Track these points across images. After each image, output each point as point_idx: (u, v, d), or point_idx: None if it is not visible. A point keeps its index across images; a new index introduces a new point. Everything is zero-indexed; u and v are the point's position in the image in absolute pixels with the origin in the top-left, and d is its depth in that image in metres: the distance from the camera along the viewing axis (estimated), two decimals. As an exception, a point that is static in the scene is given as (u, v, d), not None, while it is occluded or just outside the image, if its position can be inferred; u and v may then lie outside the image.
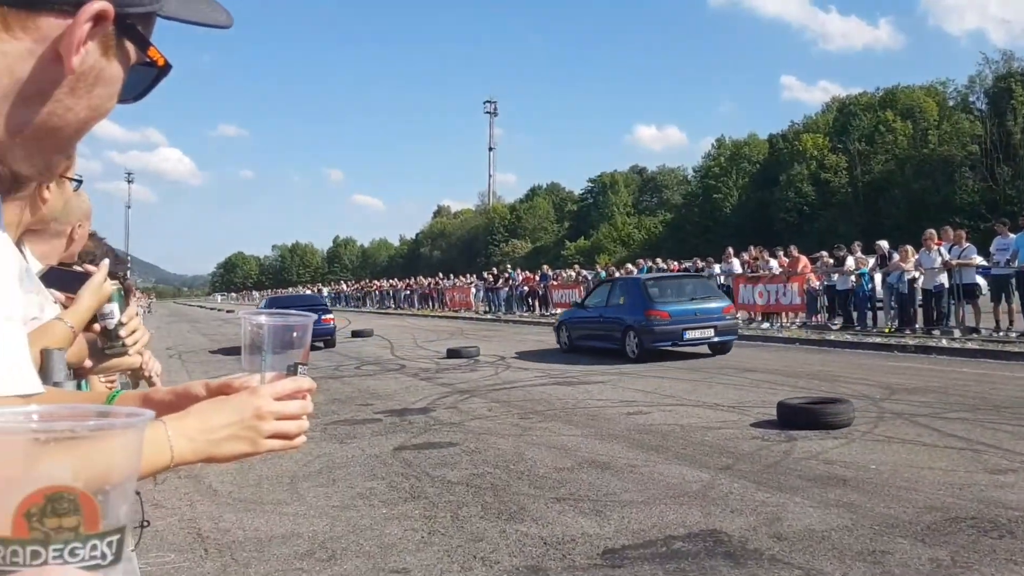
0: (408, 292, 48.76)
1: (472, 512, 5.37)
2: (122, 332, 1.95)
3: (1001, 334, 14.39)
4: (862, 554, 4.27)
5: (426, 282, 47.22)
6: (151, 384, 2.34)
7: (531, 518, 5.17)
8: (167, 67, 0.84)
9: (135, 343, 2.02)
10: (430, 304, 43.56)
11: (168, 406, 1.10)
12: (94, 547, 0.49)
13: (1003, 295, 14.89)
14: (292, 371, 1.10)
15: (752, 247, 22.61)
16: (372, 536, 4.96)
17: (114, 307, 1.92)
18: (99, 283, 1.88)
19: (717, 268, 22.53)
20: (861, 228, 49.03)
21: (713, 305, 14.65)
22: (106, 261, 1.96)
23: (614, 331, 14.88)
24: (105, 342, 1.93)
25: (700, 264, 23.68)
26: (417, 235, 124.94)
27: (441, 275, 48.13)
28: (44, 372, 1.56)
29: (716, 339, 14.39)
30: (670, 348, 14.15)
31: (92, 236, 3.48)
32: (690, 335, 14.09)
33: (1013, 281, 14.71)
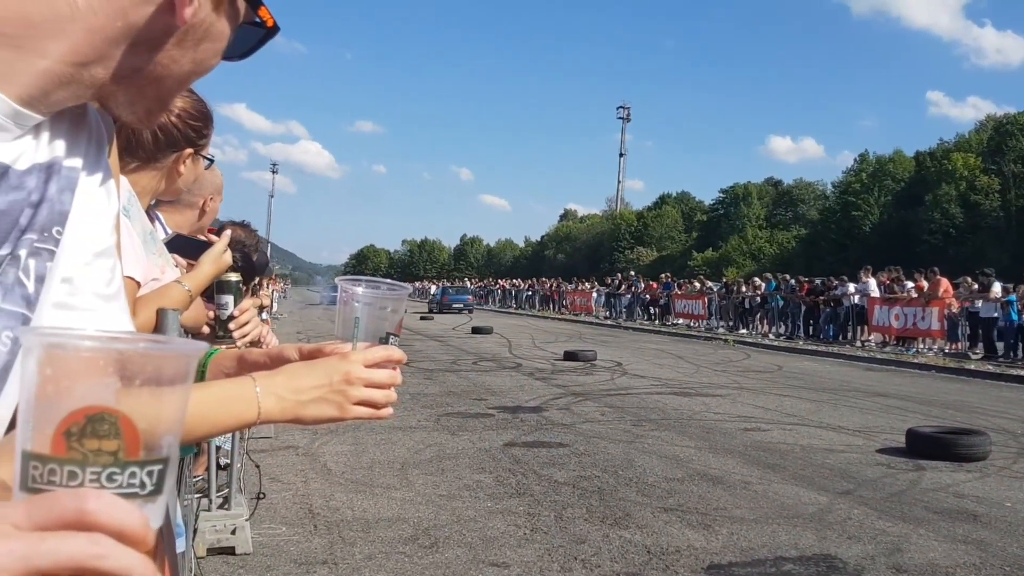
0: (530, 293, 49.02)
1: (576, 514, 5.32)
2: (231, 325, 2.01)
3: None
4: (991, 597, 3.97)
5: (548, 284, 47.36)
6: None
7: (636, 525, 5.07)
8: (275, 28, 0.84)
9: (243, 336, 2.08)
10: (551, 306, 43.65)
11: (262, 367, 1.11)
12: (133, 474, 0.48)
13: None
14: (384, 341, 1.09)
15: (890, 268, 21.57)
16: (475, 528, 4.98)
17: (229, 299, 1.99)
18: (219, 252, 1.94)
19: (851, 287, 21.58)
20: (1012, 255, 46.01)
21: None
22: (227, 232, 2.02)
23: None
24: (216, 330, 2.00)
25: (833, 282, 22.74)
26: (542, 237, 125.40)
27: (563, 278, 48.13)
28: (158, 331, 1.61)
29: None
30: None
31: (247, 227, 3.64)
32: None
33: None
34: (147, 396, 0.48)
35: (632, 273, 41.94)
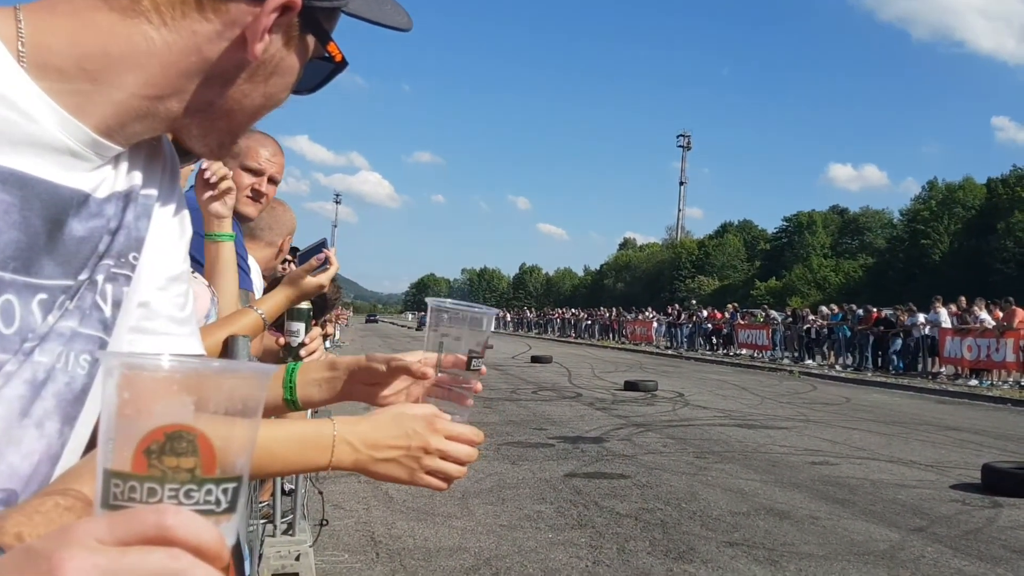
0: (589, 322, 48.83)
1: (639, 547, 5.24)
2: (302, 352, 2.05)
3: None
4: (1078, 643, 3.79)
5: (608, 313, 47.12)
6: None
7: (700, 559, 4.98)
8: (344, 63, 0.86)
9: None
10: (610, 335, 43.40)
11: (351, 376, 1.14)
12: (209, 492, 0.49)
13: None
14: (469, 358, 1.11)
15: (962, 297, 20.94)
16: (536, 559, 4.94)
17: (300, 327, 2.02)
18: (300, 276, 1.98)
19: (921, 318, 20.99)
20: (1092, 284, 44.22)
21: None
22: (335, 267, 2.04)
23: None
24: (285, 356, 2.04)
25: (901, 313, 22.16)
26: (601, 266, 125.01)
27: (623, 307, 47.87)
28: (227, 357, 1.65)
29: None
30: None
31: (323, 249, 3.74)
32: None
33: None
34: (222, 416, 0.50)
35: (693, 302, 41.48)
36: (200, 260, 2.16)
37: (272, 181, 2.41)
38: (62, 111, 0.71)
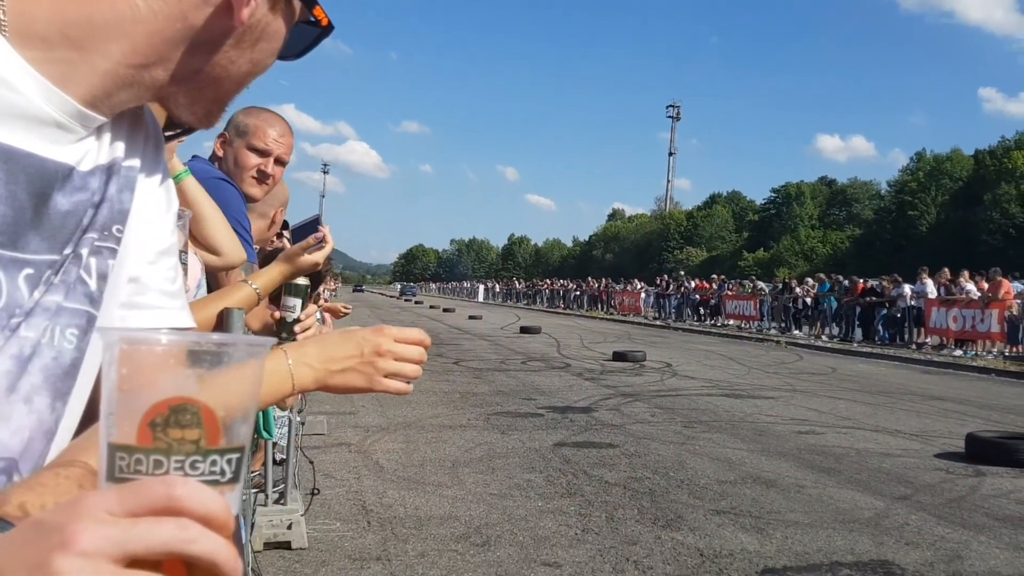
0: (578, 293, 48.91)
1: (628, 515, 5.30)
2: (296, 328, 2.05)
3: None
4: (1057, 607, 3.87)
5: (596, 284, 47.20)
6: None
7: (688, 528, 5.04)
8: (330, 27, 0.85)
9: None
10: (599, 306, 43.50)
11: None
12: (214, 462, 0.50)
13: None
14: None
15: (947, 269, 21.07)
16: (526, 527, 4.99)
17: (297, 303, 2.02)
18: (296, 254, 1.97)
19: (907, 289, 21.12)
20: (1077, 255, 44.55)
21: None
22: (330, 245, 2.04)
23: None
24: (279, 331, 2.04)
25: (887, 283, 22.27)
26: (590, 237, 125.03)
27: (611, 278, 47.95)
28: (223, 330, 1.65)
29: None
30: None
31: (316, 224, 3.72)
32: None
33: None
34: (223, 386, 0.51)
35: (682, 273, 41.59)
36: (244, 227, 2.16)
37: (279, 162, 2.38)
38: (46, 81, 0.70)
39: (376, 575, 4.15)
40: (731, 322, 29.41)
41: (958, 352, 18.43)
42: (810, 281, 26.96)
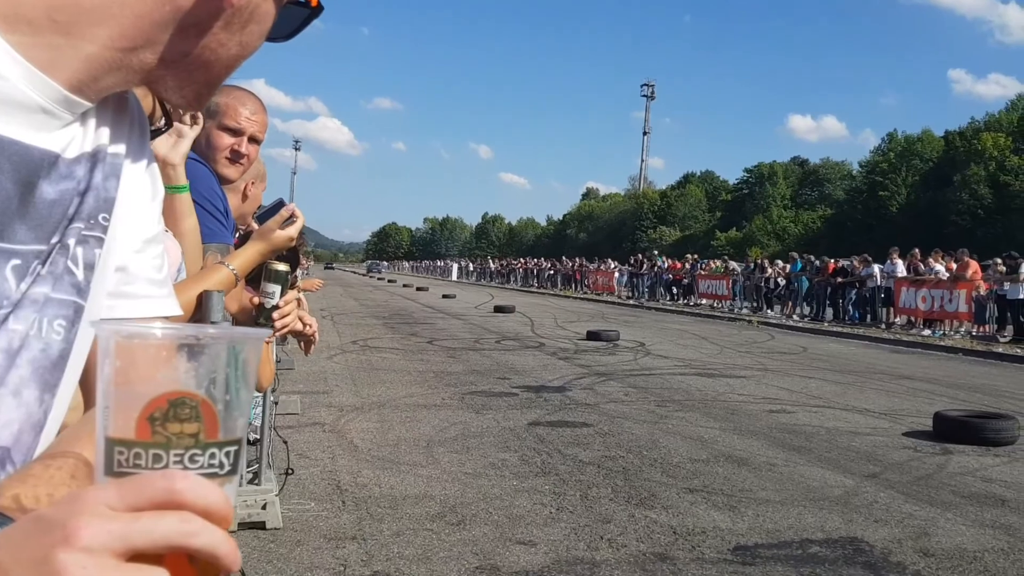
0: (552, 272, 49.00)
1: (602, 493, 5.34)
2: (275, 315, 2.03)
3: None
4: (1020, 582, 3.96)
5: (570, 263, 47.30)
6: (312, 344, 2.42)
7: (662, 506, 5.09)
8: (319, 8, 0.84)
9: (284, 327, 2.11)
10: (573, 285, 43.62)
11: None
12: (212, 455, 0.50)
13: None
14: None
15: (917, 249, 21.34)
16: (501, 506, 5.02)
17: (276, 289, 2.00)
18: (270, 229, 1.94)
19: (877, 269, 21.37)
20: (1043, 237, 45.28)
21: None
22: (301, 220, 2.01)
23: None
24: (258, 317, 2.02)
25: (857, 262, 22.52)
26: (564, 216, 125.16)
27: (585, 258, 48.07)
28: (202, 313, 1.63)
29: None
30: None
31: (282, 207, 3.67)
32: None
33: None
34: (220, 379, 0.50)
35: (655, 252, 41.80)
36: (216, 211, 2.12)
37: (253, 141, 2.34)
38: (30, 66, 0.68)
39: (351, 555, 4.15)
40: (704, 302, 29.62)
41: (927, 332, 18.70)
42: (779, 263, 27.22)
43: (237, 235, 2.49)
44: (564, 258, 52.57)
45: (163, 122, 1.33)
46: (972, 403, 9.01)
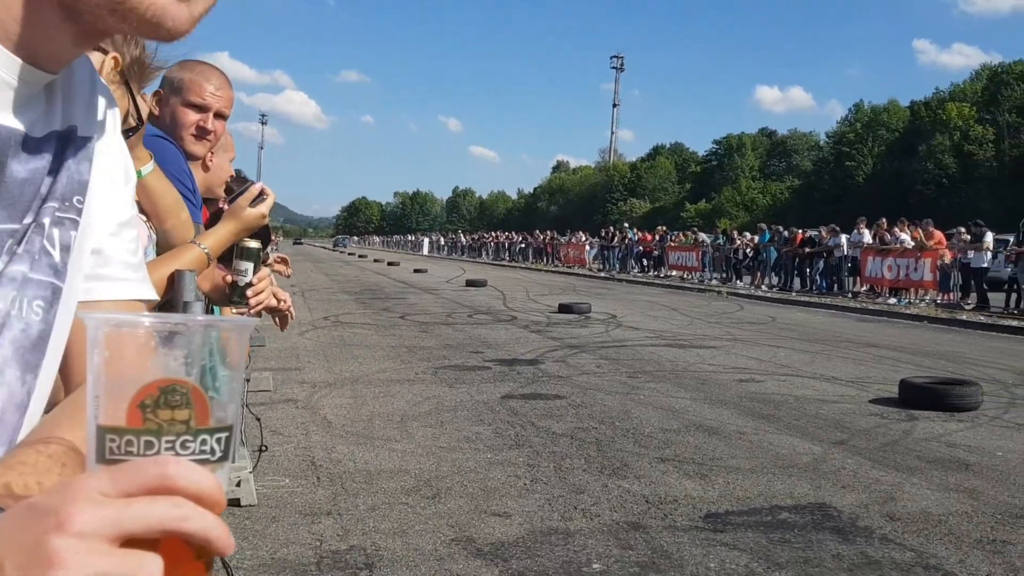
0: (523, 245, 49.02)
1: (575, 464, 5.39)
2: (249, 292, 2.02)
3: None
4: (981, 542, 4.07)
5: (542, 236, 47.32)
6: (288, 320, 2.41)
7: (634, 475, 5.15)
8: None
9: (259, 304, 2.10)
10: (544, 259, 43.69)
11: None
12: (204, 442, 0.50)
13: None
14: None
15: (884, 219, 21.60)
16: (476, 479, 5.05)
17: (249, 267, 1.99)
18: (241, 208, 1.93)
19: (844, 239, 21.62)
20: (1005, 205, 46.02)
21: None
22: (271, 197, 2.00)
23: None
24: (232, 295, 2.01)
25: (825, 232, 22.76)
26: (535, 189, 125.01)
27: (556, 231, 48.12)
28: (175, 292, 1.62)
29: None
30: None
31: (241, 179, 3.61)
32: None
33: None
34: (210, 367, 0.51)
35: (626, 225, 41.92)
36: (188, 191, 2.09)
37: (219, 116, 2.31)
38: None
39: (327, 530, 4.17)
40: (674, 273, 29.84)
41: (892, 300, 18.99)
42: (747, 235, 27.45)
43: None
44: (536, 231, 52.58)
45: (137, 121, 1.31)
46: (937, 370, 9.18)
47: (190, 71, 2.28)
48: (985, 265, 17.55)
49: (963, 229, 18.78)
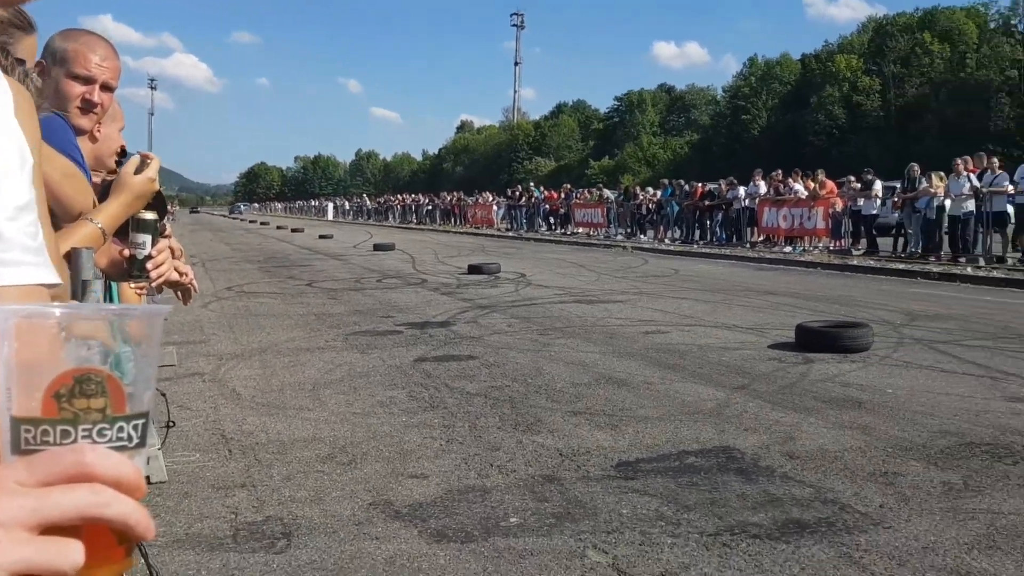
0: (430, 207, 48.70)
1: (490, 423, 5.47)
2: (148, 265, 1.97)
3: (1028, 264, 14.23)
4: (874, 475, 4.32)
5: (448, 198, 47.09)
6: (191, 294, 2.36)
7: (547, 430, 5.26)
8: None
9: (159, 277, 2.05)
10: (452, 220, 43.54)
11: None
12: (120, 429, 0.51)
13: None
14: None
15: (779, 170, 22.31)
16: (392, 443, 5.07)
17: (147, 239, 1.94)
18: (128, 176, 1.87)
19: (742, 191, 22.26)
20: (893, 153, 48.10)
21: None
22: (157, 161, 1.94)
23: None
24: (131, 270, 1.96)
25: (724, 185, 23.38)
26: (440, 150, 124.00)
27: (463, 191, 47.95)
28: (72, 271, 1.57)
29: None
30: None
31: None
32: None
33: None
34: (125, 355, 0.51)
35: (531, 184, 42.07)
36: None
37: (106, 88, 2.22)
38: None
39: (241, 502, 4.13)
40: (580, 230, 30.19)
41: (788, 248, 19.71)
42: (650, 189, 27.96)
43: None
44: (442, 193, 52.26)
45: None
46: (831, 314, 9.61)
47: (74, 41, 2.18)
48: (874, 212, 18.35)
49: (853, 178, 19.57)
